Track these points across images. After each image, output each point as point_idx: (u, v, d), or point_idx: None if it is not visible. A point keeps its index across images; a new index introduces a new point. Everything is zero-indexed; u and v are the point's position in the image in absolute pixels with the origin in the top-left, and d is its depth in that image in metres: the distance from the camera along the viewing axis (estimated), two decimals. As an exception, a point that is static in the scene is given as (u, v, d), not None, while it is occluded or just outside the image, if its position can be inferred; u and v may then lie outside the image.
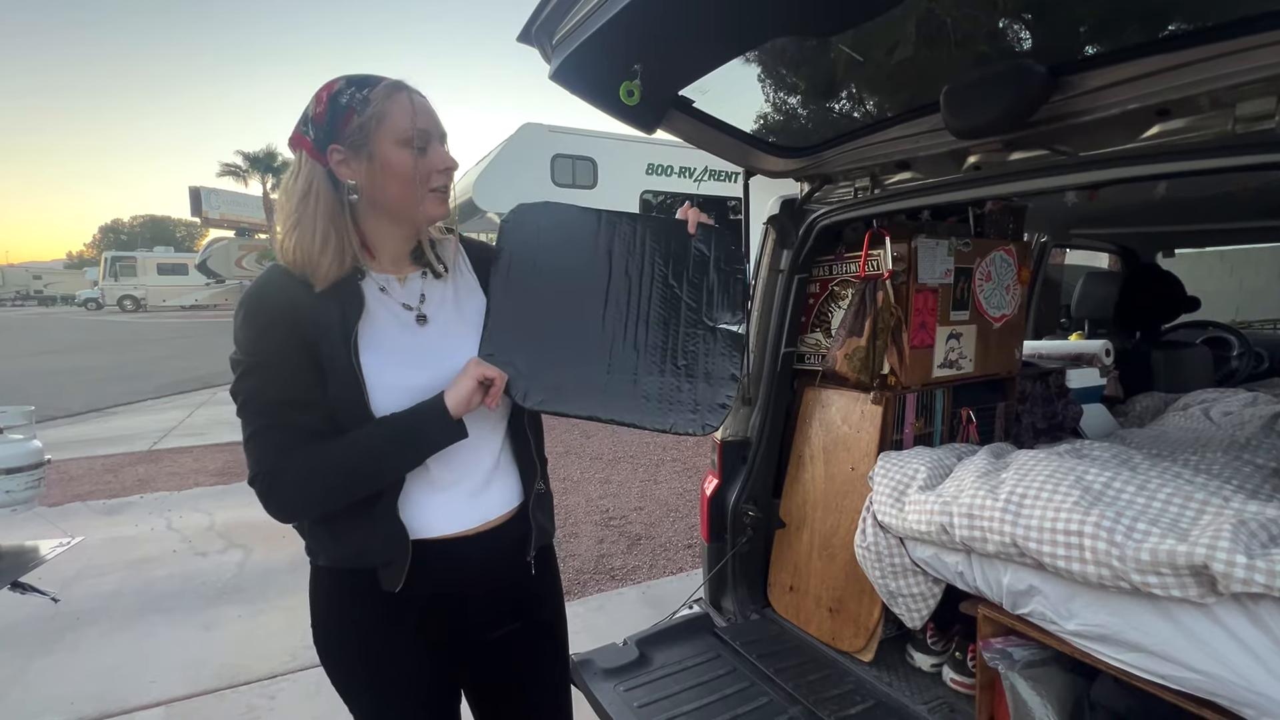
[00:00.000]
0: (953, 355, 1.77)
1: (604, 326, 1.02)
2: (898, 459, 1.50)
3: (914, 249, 1.62)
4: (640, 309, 1.03)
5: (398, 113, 0.88)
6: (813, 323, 1.84)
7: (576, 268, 1.04)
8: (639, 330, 1.02)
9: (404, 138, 0.89)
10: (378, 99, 0.88)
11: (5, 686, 2.29)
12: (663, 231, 1.07)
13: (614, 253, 1.04)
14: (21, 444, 2.05)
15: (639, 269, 1.04)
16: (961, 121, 1.23)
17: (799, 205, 1.76)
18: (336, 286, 0.89)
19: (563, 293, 1.03)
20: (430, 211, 0.94)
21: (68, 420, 6.80)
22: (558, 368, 0.99)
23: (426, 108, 0.92)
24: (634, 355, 1.01)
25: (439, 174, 0.93)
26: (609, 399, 0.99)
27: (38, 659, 2.45)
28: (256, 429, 0.87)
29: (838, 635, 1.62)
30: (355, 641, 0.97)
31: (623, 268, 1.04)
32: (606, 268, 1.04)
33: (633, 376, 1.00)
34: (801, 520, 1.77)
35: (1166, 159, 1.03)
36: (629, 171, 7.97)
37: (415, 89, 0.92)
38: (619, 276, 1.04)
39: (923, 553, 1.37)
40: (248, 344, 0.87)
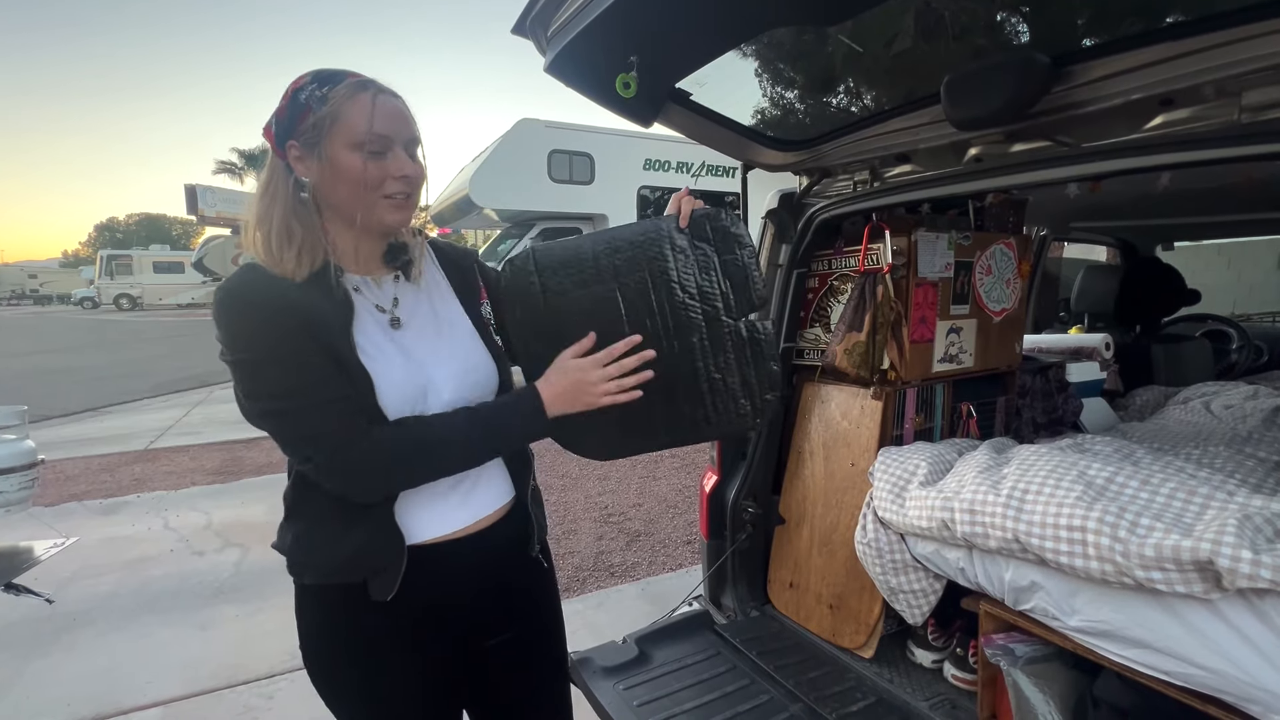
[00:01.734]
0: (953, 349, 1.76)
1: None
2: (898, 454, 1.49)
3: (914, 243, 1.60)
4: (664, 326, 1.00)
5: (354, 114, 0.84)
6: (812, 318, 1.82)
7: (590, 306, 1.00)
8: (670, 346, 0.99)
9: (356, 141, 0.85)
10: (336, 98, 0.85)
11: (2, 688, 2.27)
12: (654, 239, 1.03)
13: (620, 274, 1.01)
14: (14, 444, 2.04)
15: (648, 285, 1.01)
16: (962, 113, 1.21)
17: (798, 199, 1.74)
18: (321, 284, 0.86)
19: (588, 332, 1.00)
20: (384, 218, 0.89)
21: (64, 420, 6.76)
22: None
23: (393, 111, 0.87)
24: (674, 375, 0.99)
25: (395, 180, 0.87)
26: (666, 426, 1.01)
27: (34, 660, 2.44)
28: (293, 409, 0.82)
29: (838, 632, 1.61)
30: (349, 662, 0.94)
31: (633, 289, 1.00)
32: (617, 295, 1.00)
33: (676, 397, 1.00)
34: (801, 516, 1.76)
35: (1171, 149, 1.02)
36: (626, 167, 7.93)
37: (387, 90, 0.88)
38: (633, 300, 1.00)
39: (923, 549, 1.36)
40: (249, 339, 0.83)
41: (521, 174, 7.26)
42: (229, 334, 0.84)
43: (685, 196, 1.05)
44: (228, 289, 0.85)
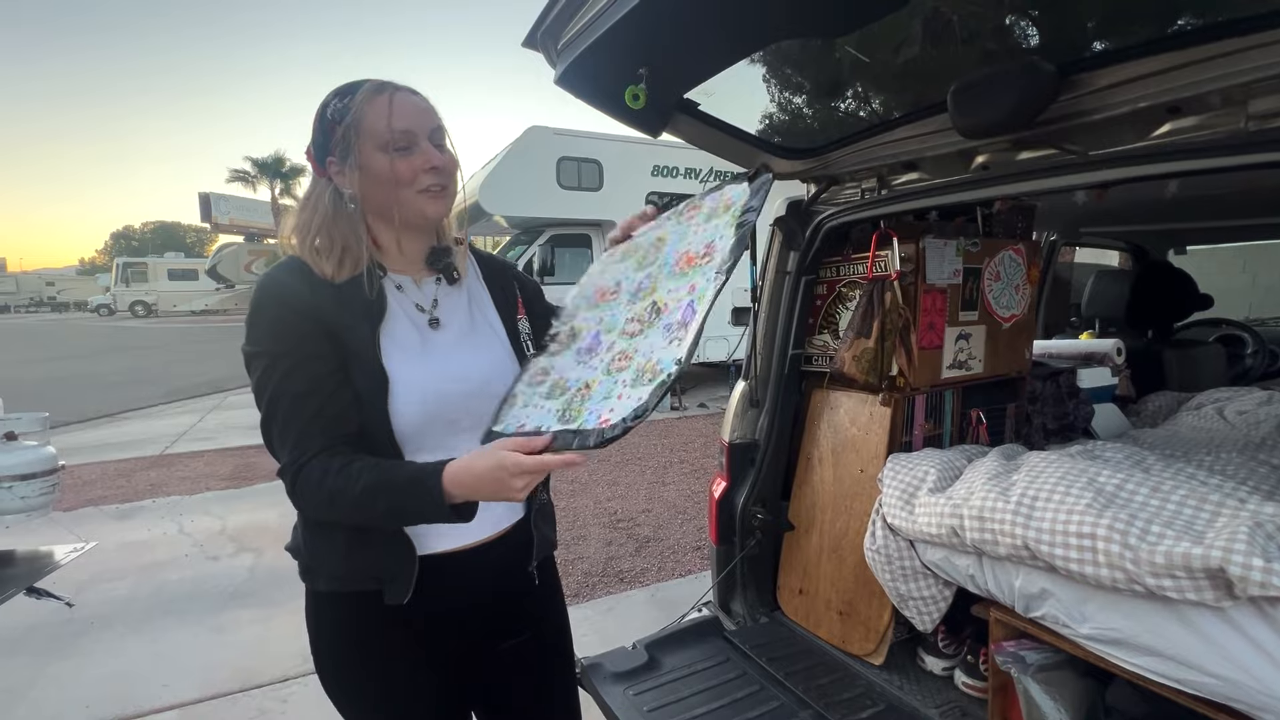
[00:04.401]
0: (962, 356, 1.76)
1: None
2: (907, 461, 1.49)
3: (922, 249, 1.61)
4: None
5: (375, 117, 0.87)
6: (820, 324, 1.83)
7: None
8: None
9: (381, 142, 0.88)
10: (356, 106, 0.88)
11: (23, 690, 2.31)
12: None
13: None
14: (36, 450, 2.08)
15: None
16: (969, 121, 1.22)
17: (806, 207, 1.75)
18: (358, 281, 0.89)
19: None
20: (424, 211, 0.92)
21: (81, 425, 6.86)
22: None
23: (411, 106, 0.90)
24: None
25: (426, 173, 0.90)
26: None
27: (54, 663, 2.48)
28: (281, 422, 0.86)
29: (848, 638, 1.61)
30: (360, 668, 0.96)
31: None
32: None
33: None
34: (810, 523, 1.76)
35: (1178, 157, 1.02)
36: (634, 173, 7.95)
37: (404, 87, 0.91)
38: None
39: (933, 555, 1.36)
40: (266, 336, 0.86)
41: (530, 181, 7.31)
42: (251, 321, 0.88)
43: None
44: (269, 276, 0.90)
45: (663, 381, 0.75)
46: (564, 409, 0.82)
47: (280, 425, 0.86)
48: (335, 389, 0.86)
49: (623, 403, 0.77)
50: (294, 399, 0.85)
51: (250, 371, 0.88)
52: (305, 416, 0.85)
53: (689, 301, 0.82)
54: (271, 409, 0.86)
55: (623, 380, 0.80)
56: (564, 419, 0.81)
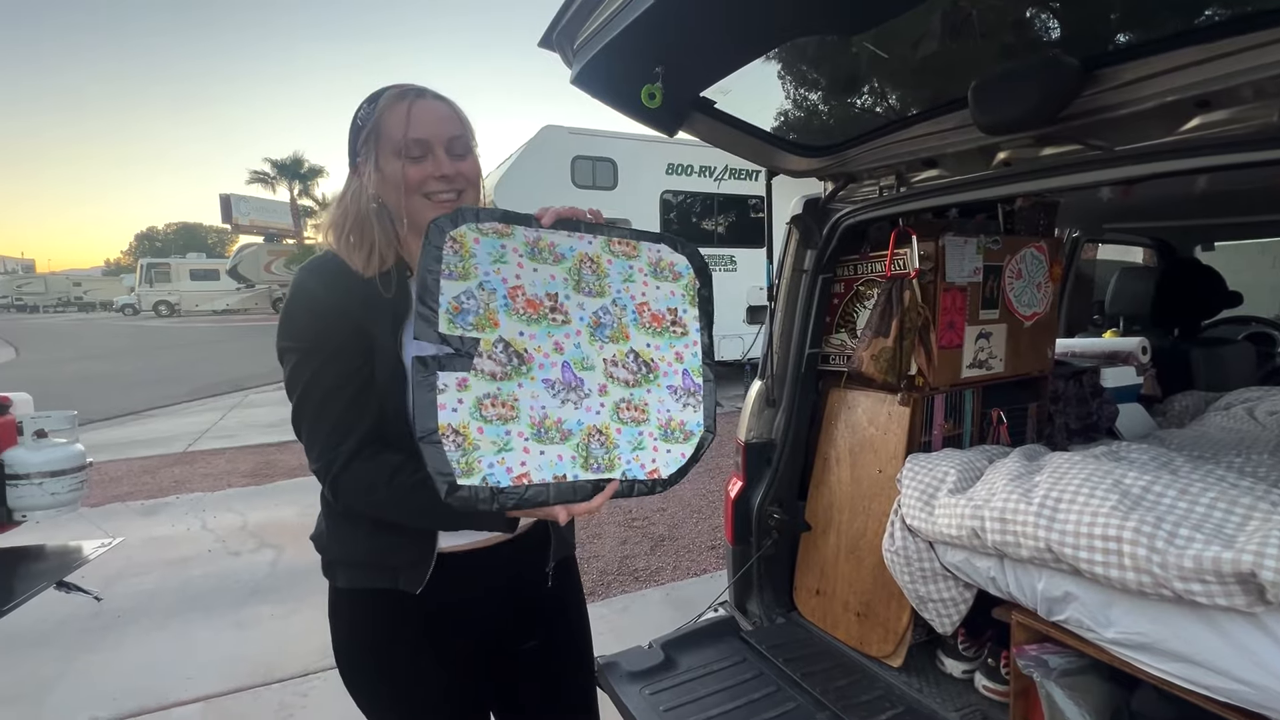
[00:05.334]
0: (982, 355, 1.74)
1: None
2: (926, 461, 1.48)
3: (941, 248, 1.59)
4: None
5: (392, 123, 0.90)
6: (837, 323, 1.82)
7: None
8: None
9: (396, 148, 0.90)
10: (378, 111, 0.91)
11: (53, 682, 2.37)
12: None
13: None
14: (65, 448, 2.13)
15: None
16: (990, 117, 1.20)
17: (823, 204, 1.74)
18: (389, 279, 0.91)
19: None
20: (429, 218, 0.91)
21: (107, 423, 7.02)
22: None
23: (430, 113, 0.91)
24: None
25: (435, 180, 0.91)
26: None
27: (82, 655, 2.54)
28: (313, 415, 0.88)
29: (866, 640, 1.60)
30: (379, 665, 0.97)
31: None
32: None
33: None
34: (828, 523, 1.75)
35: (1207, 152, 1.00)
36: (649, 172, 7.95)
37: (430, 94, 0.92)
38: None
39: (953, 557, 1.35)
40: (299, 331, 0.88)
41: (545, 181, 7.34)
42: (285, 317, 0.90)
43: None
44: (303, 272, 0.92)
45: (701, 440, 0.90)
46: (583, 455, 0.82)
47: (311, 419, 0.88)
48: (365, 383, 0.88)
49: (660, 455, 0.87)
50: (326, 393, 0.88)
51: (283, 365, 0.90)
52: (337, 411, 0.87)
53: (683, 370, 0.90)
54: (303, 403, 0.89)
55: (648, 433, 0.87)
56: (592, 467, 0.83)
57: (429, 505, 0.79)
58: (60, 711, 2.20)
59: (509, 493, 0.77)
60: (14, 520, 2.06)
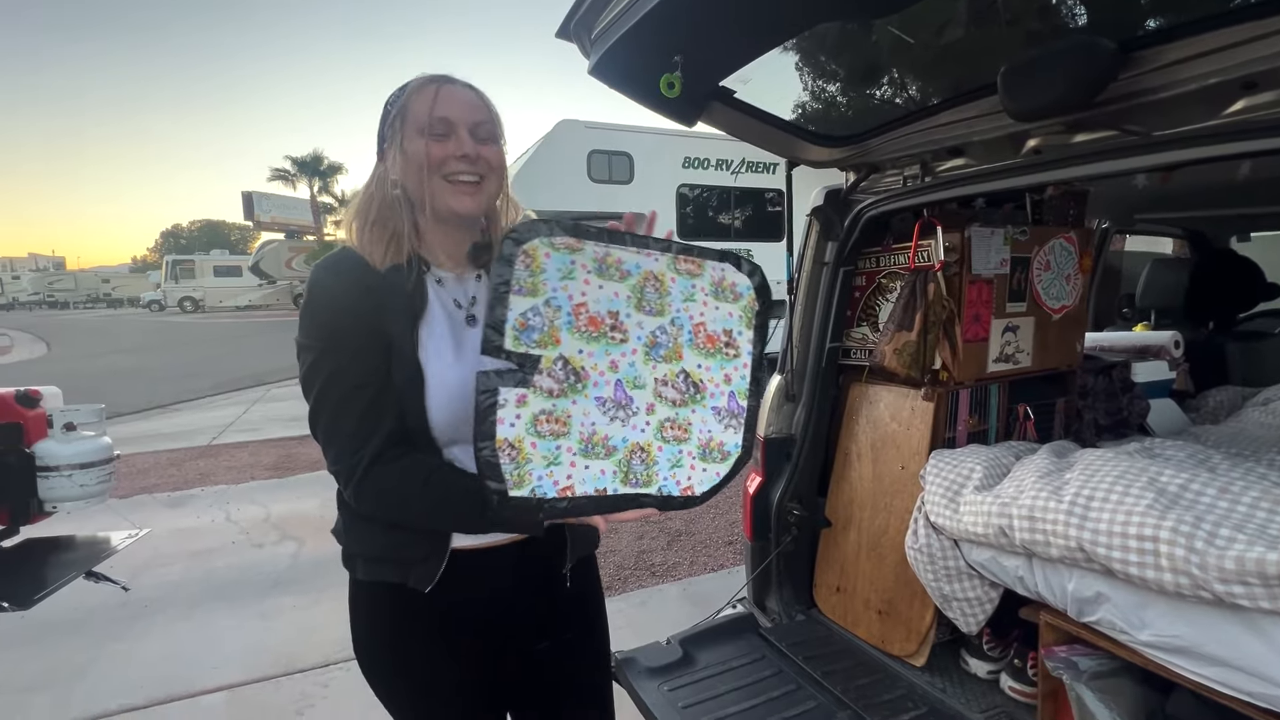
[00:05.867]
0: (1009, 349, 1.69)
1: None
2: (951, 457, 1.44)
3: (967, 239, 1.55)
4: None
5: (419, 103, 0.89)
6: (859, 317, 1.78)
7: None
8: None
9: (420, 126, 0.88)
10: (408, 93, 0.90)
11: (84, 668, 2.43)
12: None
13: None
14: (94, 440, 2.16)
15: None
16: (1021, 103, 1.16)
17: (844, 195, 1.70)
18: (404, 274, 0.90)
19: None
20: (449, 203, 0.90)
21: (135, 416, 7.17)
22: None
23: (457, 97, 0.90)
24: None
25: (455, 160, 0.89)
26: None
27: (110, 644, 2.59)
28: (332, 419, 0.88)
29: (887, 638, 1.57)
30: (396, 656, 0.97)
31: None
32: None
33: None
34: (848, 520, 1.72)
35: (1254, 136, 0.95)
36: (665, 165, 7.91)
37: (459, 81, 0.92)
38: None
39: (979, 555, 1.32)
40: (315, 329, 0.88)
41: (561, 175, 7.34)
42: (304, 314, 0.89)
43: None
44: (320, 268, 0.91)
45: (735, 463, 0.90)
46: (623, 471, 0.84)
47: (329, 419, 0.88)
48: (383, 384, 0.87)
49: (696, 473, 0.88)
50: (343, 394, 0.87)
51: (300, 362, 0.89)
52: (356, 413, 0.87)
53: (729, 392, 0.90)
54: (320, 402, 0.88)
55: (687, 451, 0.87)
56: (631, 482, 0.84)
57: (464, 514, 0.79)
58: (92, 698, 2.26)
59: (554, 504, 0.79)
60: (45, 511, 2.10)
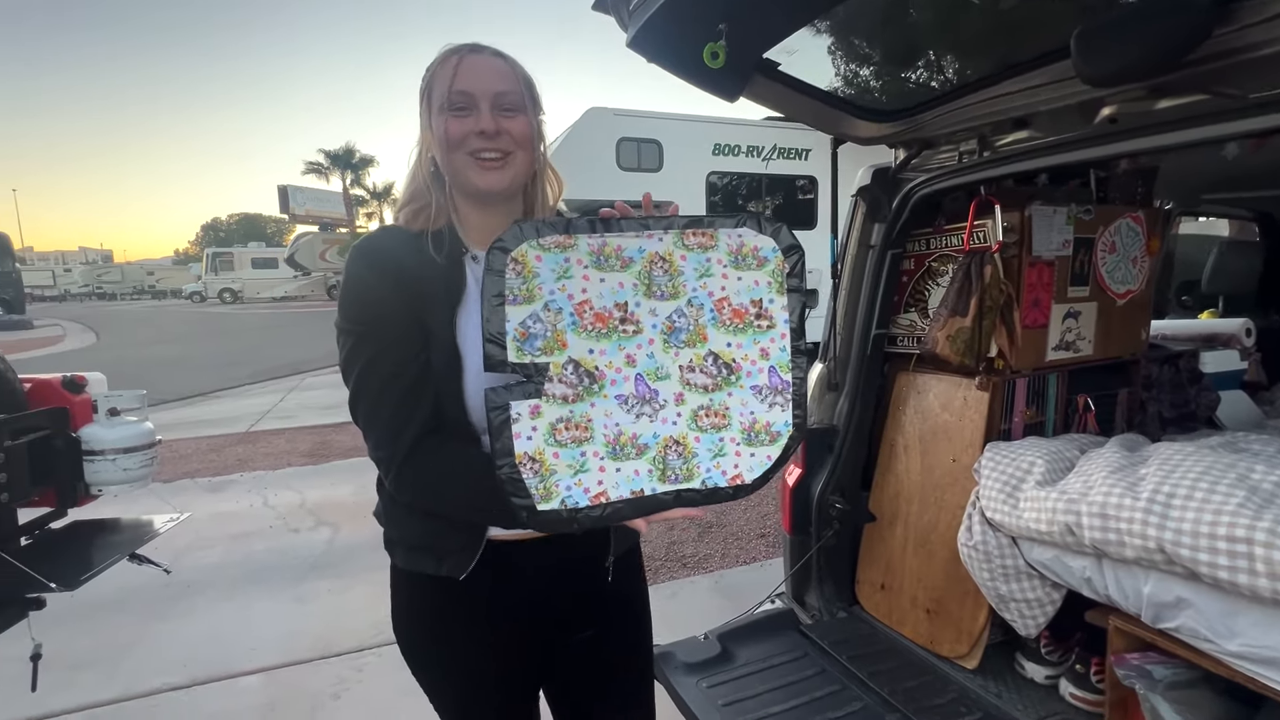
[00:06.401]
0: (1069, 336, 1.60)
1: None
2: (1009, 450, 1.36)
3: (1028, 218, 1.46)
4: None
5: (442, 77, 0.85)
6: (906, 302, 1.70)
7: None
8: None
9: (442, 102, 0.85)
10: (432, 70, 0.87)
11: (130, 646, 2.49)
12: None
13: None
14: (137, 425, 2.18)
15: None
16: (1098, 67, 1.07)
17: (893, 174, 1.62)
18: (444, 255, 0.87)
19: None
20: (471, 180, 0.86)
21: (179, 403, 7.39)
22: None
23: (479, 68, 0.86)
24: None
25: (475, 136, 0.84)
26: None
27: (154, 623, 2.66)
28: (371, 406, 0.86)
29: (936, 639, 1.50)
30: (433, 642, 0.96)
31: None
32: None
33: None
34: (894, 514, 1.65)
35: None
36: (695, 153, 7.78)
37: (484, 49, 0.87)
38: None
39: (1041, 554, 1.24)
40: (356, 311, 0.86)
41: (590, 163, 7.27)
42: (342, 297, 0.87)
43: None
44: (357, 250, 0.89)
45: (788, 443, 0.83)
46: (659, 468, 0.79)
47: (368, 406, 0.86)
48: (421, 370, 0.85)
49: (744, 460, 0.82)
50: (383, 381, 0.85)
51: (339, 347, 0.87)
52: (395, 400, 0.84)
53: (768, 367, 0.83)
54: (359, 389, 0.86)
55: (729, 438, 0.81)
56: (670, 478, 0.79)
57: (500, 509, 0.76)
58: (136, 675, 2.31)
59: (587, 513, 0.76)
60: (91, 494, 2.14)
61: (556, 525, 0.75)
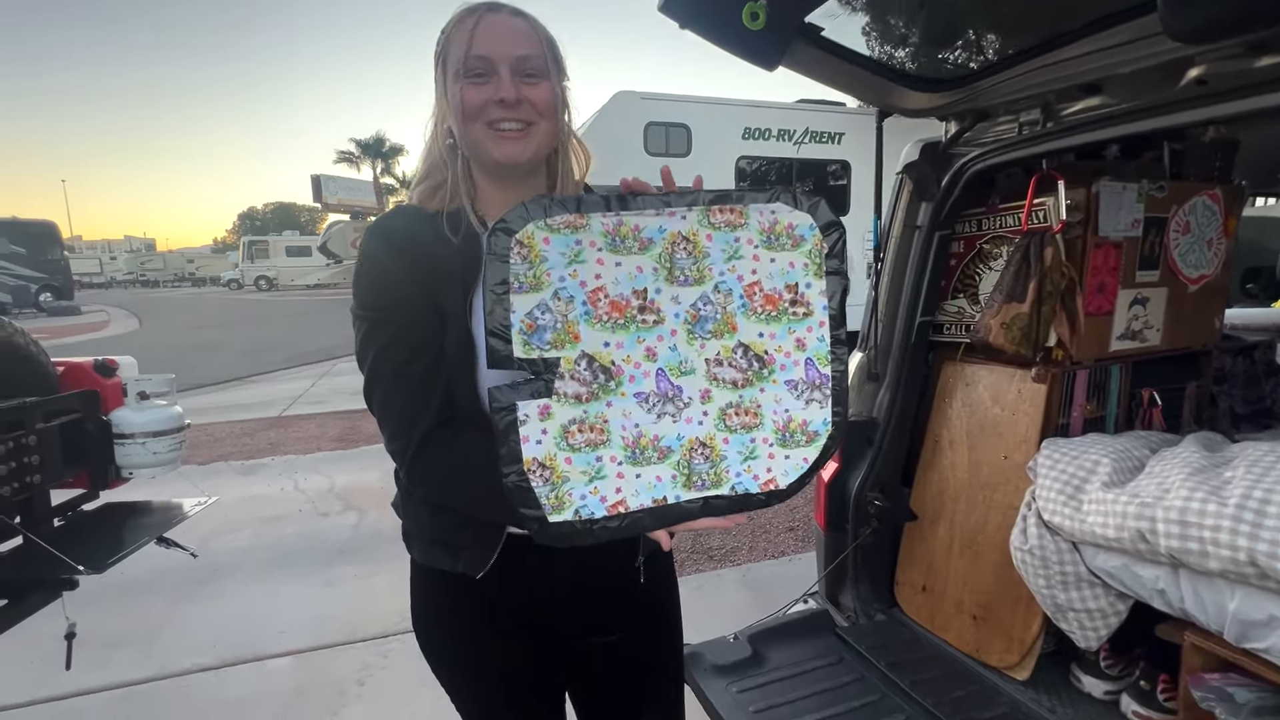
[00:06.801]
0: (1136, 324, 1.47)
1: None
2: (1069, 448, 1.26)
3: (1094, 195, 1.34)
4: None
5: (457, 41, 0.78)
6: (955, 287, 1.59)
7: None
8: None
9: (458, 69, 0.78)
10: (447, 34, 0.80)
11: (161, 627, 2.53)
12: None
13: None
14: (166, 409, 2.20)
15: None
16: (1189, 20, 0.95)
17: (943, 149, 1.50)
18: (462, 235, 0.81)
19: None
20: (491, 151, 0.80)
21: (214, 387, 7.56)
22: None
23: (499, 28, 0.78)
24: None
25: (494, 105, 0.78)
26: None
27: (185, 605, 2.70)
28: (385, 394, 0.82)
29: (984, 647, 1.41)
30: (453, 640, 0.93)
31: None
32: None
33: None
34: (938, 513, 1.56)
35: None
36: (724, 136, 7.62)
37: (503, 7, 0.80)
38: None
39: (1106, 562, 1.14)
40: (371, 296, 0.81)
41: (618, 149, 7.16)
42: (356, 281, 0.82)
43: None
44: (372, 234, 0.84)
45: (826, 444, 0.75)
46: (684, 474, 0.72)
47: (382, 395, 0.82)
48: (436, 358, 0.80)
49: (778, 463, 0.74)
50: (396, 368, 0.81)
51: (355, 332, 0.83)
52: (407, 390, 0.80)
53: (805, 360, 0.75)
54: (373, 376, 0.82)
55: (761, 438, 0.74)
56: (696, 485, 0.72)
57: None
58: (167, 655, 2.34)
59: (604, 524, 0.70)
60: (122, 477, 2.16)
61: (570, 539, 0.69)
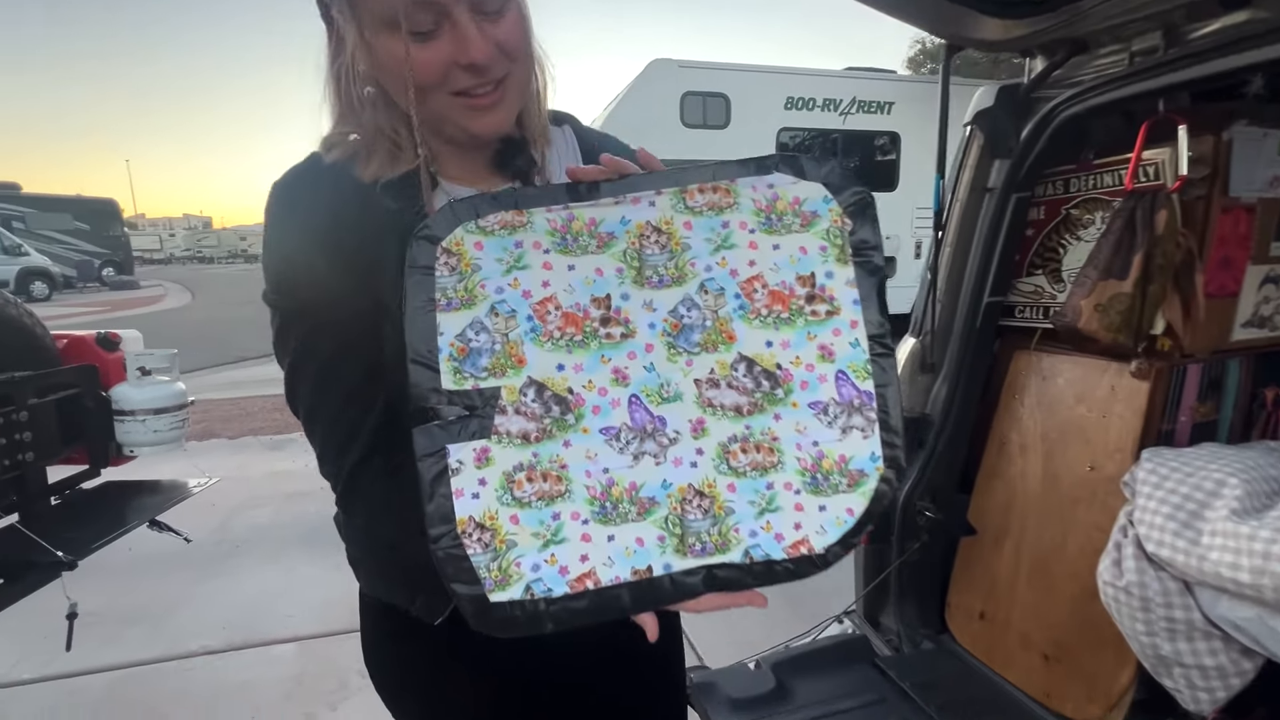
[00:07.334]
0: (1266, 309, 1.20)
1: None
2: (1180, 461, 1.01)
3: (1226, 144, 1.06)
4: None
5: None
6: (1032, 262, 1.33)
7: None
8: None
9: (389, 16, 0.54)
10: None
11: (176, 605, 2.51)
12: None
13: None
14: (167, 386, 2.12)
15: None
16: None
17: (1025, 92, 1.24)
18: (399, 196, 0.61)
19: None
20: (466, 125, 0.60)
21: (254, 361, 7.70)
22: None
23: None
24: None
25: (461, 71, 0.57)
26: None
27: (203, 583, 2.67)
28: (309, 406, 0.66)
29: (1056, 693, 1.18)
30: (408, 681, 0.76)
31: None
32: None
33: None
34: (1003, 529, 1.32)
35: None
36: (765, 106, 7.23)
37: None
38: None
39: (1232, 611, 0.89)
40: (280, 279, 0.63)
41: (653, 119, 6.88)
42: (264, 254, 0.64)
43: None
44: (277, 189, 0.63)
45: (878, 487, 0.53)
46: (675, 536, 0.52)
47: (306, 406, 0.66)
48: (371, 357, 0.62)
49: (809, 516, 0.53)
50: (322, 374, 0.64)
51: (271, 324, 0.67)
52: (335, 400, 0.64)
53: (836, 372, 0.54)
54: (292, 379, 0.67)
55: (782, 483, 0.53)
56: (693, 550, 0.52)
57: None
58: (177, 635, 2.31)
59: (565, 605, 0.51)
60: (126, 454, 2.10)
61: (520, 626, 0.50)
